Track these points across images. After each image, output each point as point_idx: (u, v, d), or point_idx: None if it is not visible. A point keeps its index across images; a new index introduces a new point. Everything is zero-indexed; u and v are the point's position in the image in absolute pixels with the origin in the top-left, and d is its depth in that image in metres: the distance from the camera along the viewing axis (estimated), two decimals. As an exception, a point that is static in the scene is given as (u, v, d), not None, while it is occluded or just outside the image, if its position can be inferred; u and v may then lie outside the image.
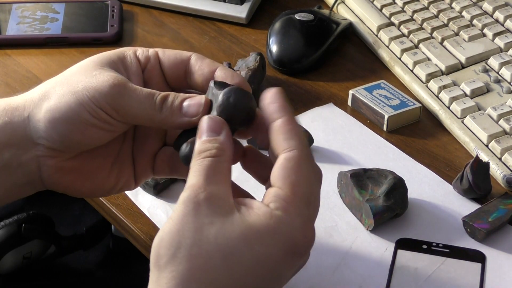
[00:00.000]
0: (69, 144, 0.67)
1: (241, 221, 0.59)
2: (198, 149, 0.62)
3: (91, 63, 0.69)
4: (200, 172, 0.61)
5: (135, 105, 0.66)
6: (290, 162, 0.61)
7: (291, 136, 0.62)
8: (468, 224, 0.82)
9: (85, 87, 0.66)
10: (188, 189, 0.60)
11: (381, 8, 1.13)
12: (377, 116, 0.97)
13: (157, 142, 0.72)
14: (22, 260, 1.25)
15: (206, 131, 0.63)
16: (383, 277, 0.78)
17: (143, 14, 1.18)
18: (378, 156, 0.93)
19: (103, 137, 0.68)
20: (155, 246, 0.59)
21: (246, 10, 1.16)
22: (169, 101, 0.66)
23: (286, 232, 0.59)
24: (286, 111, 0.63)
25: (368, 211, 0.82)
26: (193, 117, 0.66)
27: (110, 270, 1.39)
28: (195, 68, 0.70)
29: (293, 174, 0.61)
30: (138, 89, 0.66)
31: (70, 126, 0.66)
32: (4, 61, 1.08)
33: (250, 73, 0.99)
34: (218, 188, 0.60)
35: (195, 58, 0.70)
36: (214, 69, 0.69)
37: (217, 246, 0.58)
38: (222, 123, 0.63)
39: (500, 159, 0.91)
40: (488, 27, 1.07)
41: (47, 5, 1.16)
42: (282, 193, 0.60)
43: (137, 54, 0.71)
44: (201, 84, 0.70)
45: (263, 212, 0.59)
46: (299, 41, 1.07)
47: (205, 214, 0.58)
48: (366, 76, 1.06)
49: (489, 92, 0.99)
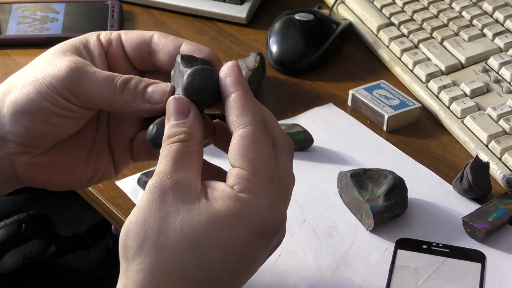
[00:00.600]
0: (36, 136, 0.65)
1: (207, 208, 0.57)
2: (167, 134, 0.60)
3: (52, 52, 0.67)
4: (167, 158, 0.59)
5: (94, 89, 0.63)
6: (245, 139, 0.59)
7: (243, 112, 0.60)
8: (468, 224, 0.82)
9: (42, 75, 0.64)
10: (155, 176, 0.58)
11: (381, 8, 1.13)
12: (377, 116, 0.97)
13: (132, 127, 0.69)
14: (22, 260, 1.25)
15: (173, 114, 0.61)
16: (383, 277, 0.78)
17: (143, 14, 1.18)
18: (378, 156, 0.93)
19: (69, 125, 0.66)
20: (122, 237, 0.58)
21: (246, 10, 1.16)
22: (131, 85, 0.64)
23: (253, 214, 0.58)
24: (240, 85, 0.61)
25: (368, 211, 0.82)
26: (156, 104, 0.64)
27: (110, 270, 1.39)
28: (159, 47, 0.67)
29: (250, 152, 0.59)
30: (96, 71, 0.64)
31: (32, 117, 0.64)
32: (4, 61, 1.08)
33: (250, 73, 0.99)
34: (185, 174, 0.59)
35: (158, 36, 0.67)
36: (179, 45, 0.66)
37: (184, 235, 0.56)
38: (188, 104, 0.61)
39: (500, 159, 0.91)
40: (488, 27, 1.07)
41: (47, 5, 1.16)
42: (244, 173, 0.58)
43: (100, 38, 0.68)
44: (167, 62, 0.67)
45: (228, 195, 0.58)
46: (299, 41, 1.07)
47: (171, 202, 0.57)
48: (366, 76, 1.06)
49: (489, 92, 0.99)
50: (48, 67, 0.65)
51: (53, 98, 0.64)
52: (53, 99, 0.64)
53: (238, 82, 0.61)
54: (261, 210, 0.58)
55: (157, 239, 0.57)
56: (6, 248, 1.23)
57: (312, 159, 0.92)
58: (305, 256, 0.80)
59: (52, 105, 0.64)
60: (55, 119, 0.64)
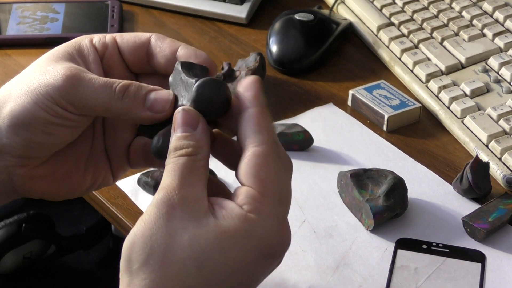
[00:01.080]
0: (34, 147, 0.64)
1: (215, 226, 0.57)
2: (173, 146, 0.59)
3: (45, 59, 0.65)
4: (175, 172, 0.58)
5: (91, 95, 0.62)
6: (258, 158, 0.58)
7: (260, 130, 0.59)
8: (468, 224, 0.82)
9: (37, 84, 0.63)
10: (162, 190, 0.58)
11: (381, 8, 1.13)
12: (377, 116, 0.97)
13: (128, 133, 0.68)
14: (22, 260, 1.25)
15: (181, 125, 0.60)
16: (383, 277, 0.78)
17: (143, 14, 1.18)
18: (378, 156, 0.93)
19: (67, 134, 0.64)
20: (126, 249, 0.57)
21: (246, 10, 1.16)
22: (132, 91, 0.62)
23: (261, 236, 0.57)
24: (259, 102, 0.60)
25: (368, 211, 0.82)
26: (159, 113, 0.62)
27: (110, 270, 1.39)
28: (156, 50, 0.66)
29: (262, 172, 0.58)
30: (93, 78, 0.63)
31: (30, 128, 0.63)
32: (4, 61, 1.08)
33: (250, 73, 0.99)
34: (193, 190, 0.58)
35: (155, 39, 0.67)
36: (176, 49, 0.66)
37: (191, 253, 0.56)
38: (197, 116, 0.60)
39: (500, 159, 0.91)
40: (488, 27, 1.07)
41: (47, 5, 1.16)
42: (254, 193, 0.58)
43: (94, 42, 0.67)
44: (164, 66, 0.66)
45: (236, 215, 0.57)
46: (299, 41, 1.07)
47: (178, 218, 0.57)
48: (366, 76, 1.06)
49: (489, 92, 0.99)
50: (43, 75, 0.63)
51: (50, 107, 0.62)
52: (50, 108, 0.62)
53: (257, 98, 0.61)
54: (269, 232, 0.58)
55: (164, 255, 0.56)
56: (6, 248, 1.23)
57: (312, 159, 0.92)
58: (305, 256, 0.80)
59: (50, 115, 0.63)
60: (52, 128, 0.63)
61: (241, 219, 0.57)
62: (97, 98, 0.62)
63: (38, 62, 0.66)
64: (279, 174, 0.59)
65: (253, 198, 0.58)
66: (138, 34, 0.67)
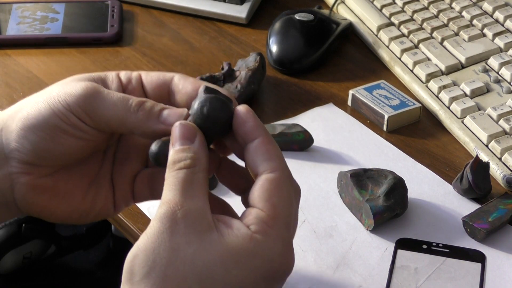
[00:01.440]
0: (42, 155, 0.65)
1: (220, 243, 0.57)
2: (172, 159, 0.60)
3: (69, 79, 0.67)
4: (175, 186, 0.59)
5: (108, 107, 0.64)
6: (271, 184, 0.60)
7: (270, 157, 0.61)
8: (468, 224, 0.82)
9: (57, 93, 0.65)
10: (164, 205, 0.58)
11: (381, 8, 1.13)
12: (377, 116, 0.97)
13: (138, 164, 0.70)
14: (22, 260, 1.25)
15: (179, 139, 0.61)
16: (383, 277, 0.78)
17: (143, 14, 1.18)
18: (378, 156, 0.93)
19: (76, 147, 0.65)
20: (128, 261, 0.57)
21: (246, 10, 1.16)
22: (147, 106, 0.64)
23: (265, 257, 0.58)
24: (262, 130, 0.62)
25: (368, 211, 0.82)
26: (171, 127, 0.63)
27: (110, 270, 1.39)
28: (178, 87, 0.68)
29: (274, 196, 0.60)
30: (111, 92, 0.65)
31: (40, 132, 0.64)
32: (4, 61, 1.08)
33: (250, 73, 0.99)
34: (195, 203, 0.59)
35: (178, 78, 0.68)
36: (198, 87, 0.67)
37: (194, 268, 0.56)
38: (194, 130, 0.61)
39: (500, 159, 0.91)
40: (488, 27, 1.07)
41: (47, 5, 1.16)
42: (263, 216, 0.59)
43: (120, 75, 0.69)
44: (185, 103, 0.68)
45: (243, 234, 0.58)
46: (299, 41, 1.07)
47: (182, 233, 0.57)
48: (366, 76, 1.06)
49: (489, 92, 0.99)
50: (63, 87, 0.65)
51: (65, 115, 0.64)
52: (65, 116, 0.64)
53: (258, 127, 0.62)
54: (274, 254, 0.58)
55: (166, 269, 0.56)
56: (6, 248, 1.23)
57: (312, 159, 0.92)
58: (305, 256, 0.80)
59: (63, 122, 0.64)
60: (63, 137, 0.64)
61: (246, 239, 0.58)
62: (113, 110, 0.64)
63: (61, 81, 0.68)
64: (290, 200, 0.61)
65: (262, 220, 0.59)
66: (162, 73, 0.69)
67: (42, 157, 0.65)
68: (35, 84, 1.04)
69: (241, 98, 0.98)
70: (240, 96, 0.98)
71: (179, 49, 1.11)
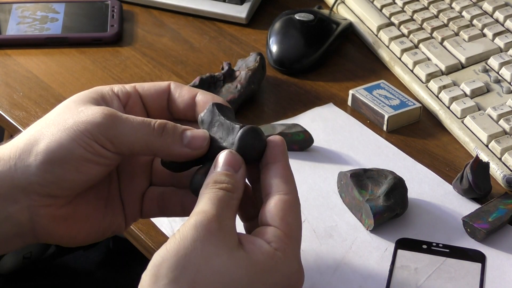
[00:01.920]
0: (64, 185, 0.65)
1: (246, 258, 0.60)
2: (213, 179, 0.63)
3: (73, 102, 0.67)
4: (213, 201, 0.61)
5: (130, 133, 0.64)
6: (285, 204, 0.63)
7: (287, 180, 0.65)
8: (468, 224, 0.82)
9: (75, 122, 0.64)
10: (200, 214, 0.60)
11: (381, 8, 1.13)
12: (377, 116, 0.97)
13: (143, 181, 0.71)
14: (22, 260, 1.25)
15: (225, 165, 0.64)
16: (383, 277, 0.78)
17: (143, 14, 1.18)
18: (378, 156, 0.93)
19: (98, 173, 0.65)
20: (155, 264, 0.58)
21: (246, 10, 1.16)
22: (170, 129, 0.65)
23: (284, 273, 0.61)
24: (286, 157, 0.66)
25: (368, 211, 0.82)
26: (196, 150, 0.66)
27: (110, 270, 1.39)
28: (175, 96, 0.70)
29: (289, 217, 0.63)
30: (130, 117, 0.65)
31: (65, 165, 0.64)
32: (4, 61, 1.08)
33: (250, 73, 0.99)
34: (228, 222, 0.61)
35: (174, 86, 0.70)
36: (195, 95, 0.70)
37: (222, 279, 0.58)
38: (241, 161, 0.64)
39: (500, 159, 0.91)
40: (488, 27, 1.07)
41: (47, 5, 1.16)
42: (280, 234, 0.62)
43: (115, 91, 0.69)
44: (183, 111, 0.70)
45: (266, 251, 0.61)
46: (299, 41, 1.07)
47: (215, 244, 0.59)
48: (366, 76, 1.06)
49: (489, 92, 0.99)
50: (78, 115, 0.65)
51: (89, 144, 0.64)
52: (88, 145, 0.64)
53: (284, 153, 0.66)
54: (291, 271, 0.62)
55: (195, 276, 0.58)
56: (6, 248, 1.23)
57: (312, 159, 0.92)
58: (305, 256, 0.80)
59: (87, 152, 0.64)
60: (86, 166, 0.64)
61: (269, 255, 0.61)
62: (136, 135, 0.64)
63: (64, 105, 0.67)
64: (300, 221, 0.65)
65: (280, 238, 0.62)
66: (157, 83, 0.70)
67: (64, 187, 0.65)
68: (35, 84, 1.04)
69: (241, 98, 0.98)
70: (240, 96, 0.98)
71: (179, 49, 1.11)
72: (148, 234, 0.83)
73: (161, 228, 0.83)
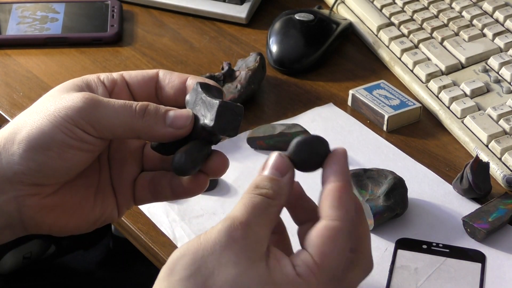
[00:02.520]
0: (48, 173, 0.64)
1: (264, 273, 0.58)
2: (255, 183, 0.60)
3: (55, 91, 0.66)
4: (247, 207, 0.59)
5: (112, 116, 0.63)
6: (328, 232, 0.59)
7: (338, 205, 0.60)
8: (468, 224, 0.82)
9: (55, 108, 0.63)
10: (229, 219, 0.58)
11: (381, 8, 1.13)
12: (377, 116, 0.97)
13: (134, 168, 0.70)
14: (22, 260, 1.25)
15: (271, 168, 0.61)
16: (383, 277, 0.78)
17: (143, 14, 1.18)
18: (378, 156, 0.93)
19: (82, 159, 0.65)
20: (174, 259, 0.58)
21: (246, 10, 1.16)
22: (152, 109, 0.64)
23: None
24: (343, 177, 0.61)
25: (368, 211, 0.82)
26: (179, 129, 0.64)
27: (110, 270, 1.39)
28: (164, 82, 0.68)
29: (326, 246, 0.59)
30: (111, 100, 0.64)
31: (47, 151, 0.63)
32: (4, 61, 1.08)
33: (250, 73, 0.99)
34: (258, 230, 0.59)
35: (163, 73, 0.69)
36: (185, 80, 0.68)
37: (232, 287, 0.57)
38: (289, 166, 0.61)
39: (500, 159, 0.91)
40: (488, 27, 1.07)
41: (47, 5, 1.16)
42: (311, 262, 0.59)
43: (101, 79, 0.68)
44: (173, 97, 0.68)
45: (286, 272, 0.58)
46: (299, 41, 1.07)
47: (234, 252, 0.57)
48: (366, 76, 1.06)
49: (489, 92, 0.99)
50: (59, 101, 0.64)
51: (70, 129, 0.63)
52: (69, 130, 0.63)
53: (342, 173, 0.61)
54: None
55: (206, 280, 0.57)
56: (6, 248, 1.23)
57: (312, 159, 0.92)
58: (305, 256, 0.80)
59: (69, 137, 0.63)
60: (69, 152, 0.63)
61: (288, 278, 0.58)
62: (118, 118, 0.63)
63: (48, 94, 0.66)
64: (343, 255, 0.60)
65: (308, 265, 0.59)
66: (145, 71, 0.69)
67: (48, 175, 0.64)
68: (35, 84, 1.04)
69: (241, 98, 0.98)
70: (240, 96, 0.98)
71: (179, 49, 1.11)
72: (148, 234, 0.83)
73: (161, 228, 0.83)
